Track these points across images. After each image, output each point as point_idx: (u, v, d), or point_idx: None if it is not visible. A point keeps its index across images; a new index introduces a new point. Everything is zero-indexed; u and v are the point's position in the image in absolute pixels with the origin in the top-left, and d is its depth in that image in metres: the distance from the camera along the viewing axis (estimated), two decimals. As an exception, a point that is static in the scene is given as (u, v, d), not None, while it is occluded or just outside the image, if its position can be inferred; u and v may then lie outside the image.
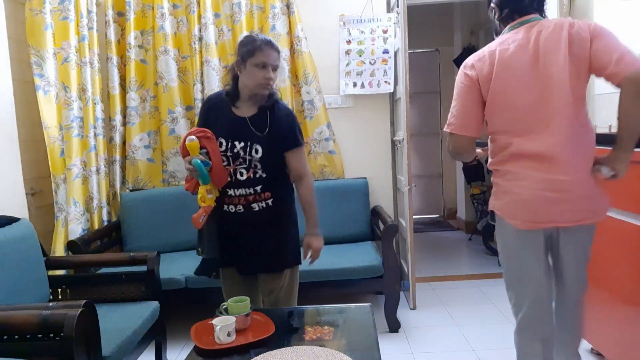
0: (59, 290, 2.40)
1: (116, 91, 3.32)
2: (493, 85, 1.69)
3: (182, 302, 2.89)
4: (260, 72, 1.85)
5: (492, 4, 1.81)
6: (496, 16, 1.80)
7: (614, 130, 2.28)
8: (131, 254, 2.53)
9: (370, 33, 3.43)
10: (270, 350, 1.63)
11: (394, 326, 2.87)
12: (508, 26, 1.75)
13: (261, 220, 1.99)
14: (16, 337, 1.62)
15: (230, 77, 1.99)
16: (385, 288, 2.85)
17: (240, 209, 1.98)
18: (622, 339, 2.13)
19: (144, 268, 2.40)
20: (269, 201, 1.98)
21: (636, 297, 2.00)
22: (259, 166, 1.92)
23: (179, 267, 2.88)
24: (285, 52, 3.36)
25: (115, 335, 1.95)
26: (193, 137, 1.82)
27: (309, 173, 2.09)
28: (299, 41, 3.35)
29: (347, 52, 3.45)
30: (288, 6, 3.35)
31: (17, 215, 2.31)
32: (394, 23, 3.37)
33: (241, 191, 1.95)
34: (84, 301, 1.66)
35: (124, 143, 3.40)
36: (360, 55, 3.44)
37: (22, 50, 2.86)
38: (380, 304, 2.95)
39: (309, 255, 2.10)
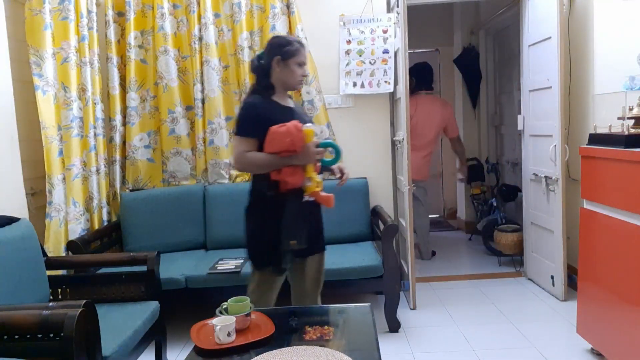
0: (59, 290, 2.40)
1: (116, 91, 3.32)
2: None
3: (182, 302, 2.89)
4: (299, 70, 2.07)
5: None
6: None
7: (614, 130, 2.29)
8: (131, 254, 2.53)
9: (370, 33, 3.43)
10: (270, 350, 1.63)
11: (394, 326, 2.87)
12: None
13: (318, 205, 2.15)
14: (16, 337, 1.62)
15: (260, 75, 2.09)
16: (385, 288, 2.85)
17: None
18: (622, 339, 2.13)
19: (144, 268, 2.40)
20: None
21: (636, 297, 2.00)
22: None
23: (179, 267, 2.88)
24: (285, 52, 3.35)
25: (115, 335, 1.94)
26: (309, 124, 1.96)
27: None
28: (299, 41, 3.35)
29: (347, 52, 3.45)
30: (288, 6, 3.35)
31: (17, 215, 2.31)
32: (394, 23, 3.37)
33: (320, 177, 2.06)
34: (84, 301, 1.66)
35: (124, 143, 3.40)
36: (360, 55, 3.44)
37: (22, 50, 2.85)
38: (380, 304, 2.94)
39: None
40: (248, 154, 1.97)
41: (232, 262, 2.91)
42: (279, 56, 2.04)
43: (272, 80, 2.08)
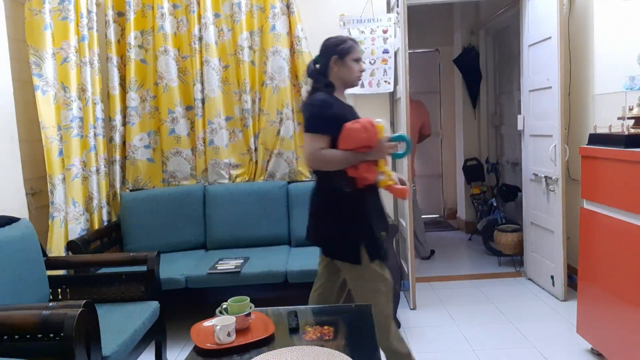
0: (59, 290, 2.40)
1: (116, 91, 3.32)
2: None
3: (182, 302, 2.89)
4: (356, 66, 2.13)
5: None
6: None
7: (614, 130, 2.29)
8: (131, 254, 2.53)
9: (370, 33, 3.43)
10: (270, 350, 1.63)
11: (394, 326, 2.86)
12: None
13: None
14: (16, 337, 1.62)
15: (317, 78, 2.15)
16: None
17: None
18: (622, 339, 2.13)
19: (144, 268, 2.40)
20: None
21: (636, 297, 2.00)
22: None
23: (179, 267, 2.88)
24: (285, 52, 3.36)
25: (115, 335, 1.94)
26: (380, 119, 1.99)
27: None
28: (299, 41, 3.35)
29: (347, 52, 3.45)
30: (288, 6, 3.35)
31: (17, 215, 2.31)
32: (394, 23, 3.37)
33: (391, 172, 2.10)
34: (84, 301, 1.66)
35: (124, 143, 3.40)
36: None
37: (22, 50, 2.86)
38: (380, 304, 2.94)
39: None
40: (323, 151, 1.97)
41: (232, 262, 2.91)
42: (336, 55, 2.12)
43: (330, 79, 2.13)
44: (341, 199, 2.03)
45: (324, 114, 2.01)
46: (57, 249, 2.80)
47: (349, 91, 3.41)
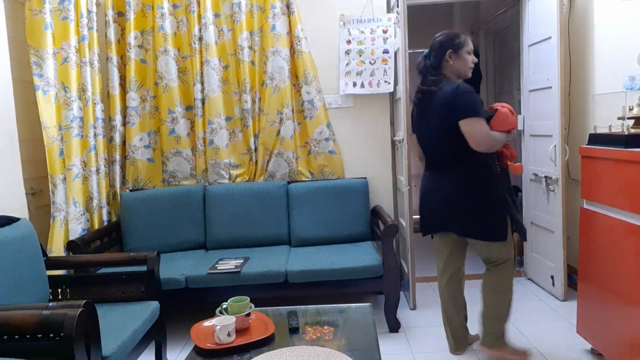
0: (59, 290, 2.40)
1: (116, 91, 3.32)
2: None
3: (182, 302, 2.89)
4: (469, 57, 2.32)
5: None
6: None
7: (614, 130, 2.29)
8: (131, 254, 2.53)
9: (370, 33, 3.43)
10: (270, 350, 1.63)
11: (394, 326, 2.87)
12: None
13: None
14: (16, 337, 1.62)
15: (429, 73, 2.34)
16: (385, 288, 2.85)
17: None
18: (622, 339, 2.13)
19: (144, 268, 2.40)
20: None
21: (636, 297, 2.00)
22: None
23: (179, 267, 2.89)
24: (285, 52, 3.36)
25: (115, 335, 1.94)
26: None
27: None
28: (299, 41, 3.35)
29: (347, 52, 3.45)
30: (288, 6, 3.35)
31: (17, 215, 2.31)
32: (394, 23, 3.38)
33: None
34: (84, 301, 1.66)
35: (124, 143, 3.40)
36: (360, 55, 3.44)
37: (22, 50, 2.86)
38: (380, 304, 2.95)
39: None
40: (492, 133, 2.20)
41: (232, 262, 2.91)
42: (451, 49, 2.29)
43: (444, 73, 2.31)
44: (490, 181, 2.27)
45: (478, 100, 2.23)
46: (57, 249, 2.80)
47: (349, 90, 3.46)
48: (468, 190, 2.25)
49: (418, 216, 2.53)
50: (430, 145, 2.40)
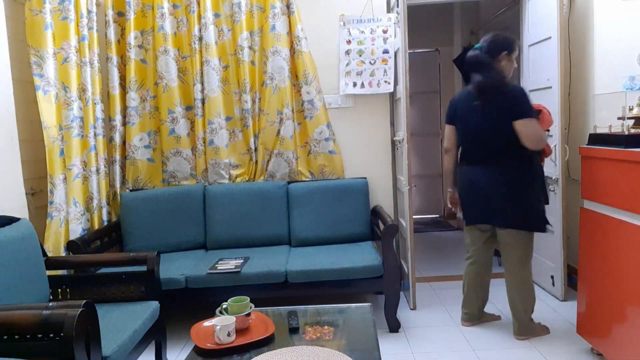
0: (59, 290, 2.40)
1: (116, 91, 3.32)
2: None
3: (182, 302, 2.89)
4: (515, 64, 2.55)
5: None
6: None
7: (614, 130, 2.29)
8: (131, 254, 2.53)
9: (370, 33, 3.43)
10: (270, 350, 1.63)
11: (394, 326, 2.87)
12: None
13: None
14: (16, 337, 1.62)
15: (480, 63, 2.51)
16: (385, 288, 2.85)
17: None
18: (622, 339, 2.13)
19: (144, 268, 2.40)
20: None
21: (636, 297, 2.00)
22: None
23: (179, 267, 2.89)
24: (285, 52, 3.36)
25: (115, 335, 1.94)
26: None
27: None
28: (299, 41, 3.35)
29: (347, 52, 3.45)
30: (288, 6, 3.35)
31: (17, 215, 2.31)
32: (394, 23, 3.38)
33: None
34: (84, 301, 1.66)
35: (124, 143, 3.40)
36: (360, 55, 3.44)
37: (22, 50, 2.86)
38: (380, 304, 2.95)
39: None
40: (543, 132, 2.44)
41: (232, 262, 2.92)
42: (506, 51, 2.46)
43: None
44: (535, 174, 2.50)
45: (530, 100, 2.43)
46: (57, 249, 2.80)
47: (349, 90, 3.46)
48: (517, 182, 2.48)
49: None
50: (479, 139, 2.57)
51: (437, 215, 5.98)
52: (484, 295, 2.90)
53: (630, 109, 2.23)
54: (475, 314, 2.89)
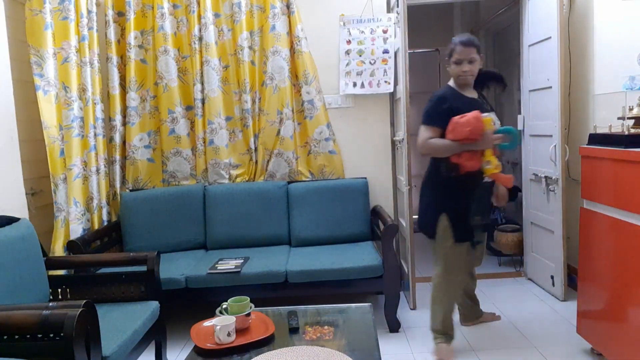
0: (59, 290, 2.40)
1: (116, 91, 3.32)
2: None
3: (182, 302, 2.89)
4: (455, 67, 2.39)
5: None
6: None
7: (614, 130, 2.29)
8: (131, 254, 2.53)
9: (370, 33, 3.43)
10: (270, 350, 1.63)
11: (394, 326, 2.87)
12: None
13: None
14: (16, 337, 1.62)
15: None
16: (385, 288, 2.85)
17: (490, 180, 2.47)
18: (622, 339, 2.13)
19: (144, 268, 2.40)
20: None
21: (636, 297, 2.00)
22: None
23: (179, 267, 2.89)
24: (285, 52, 3.36)
25: (115, 335, 1.94)
26: (487, 113, 2.26)
27: None
28: (299, 41, 3.35)
29: (347, 52, 3.45)
30: (288, 6, 3.35)
31: (17, 215, 2.31)
32: (394, 23, 3.38)
33: (498, 161, 2.39)
34: (84, 301, 1.66)
35: (124, 143, 3.40)
36: (360, 55, 3.44)
37: (22, 50, 2.86)
38: (380, 304, 2.95)
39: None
40: (430, 140, 2.33)
41: (232, 262, 2.92)
42: (447, 57, 2.43)
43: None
44: (435, 182, 2.43)
45: (438, 109, 2.35)
46: (57, 248, 2.80)
47: (349, 90, 3.46)
48: (422, 187, 2.53)
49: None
50: None
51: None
52: (468, 292, 2.83)
53: (630, 109, 2.22)
54: (469, 314, 2.88)
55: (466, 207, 2.38)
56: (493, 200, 2.62)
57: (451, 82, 2.47)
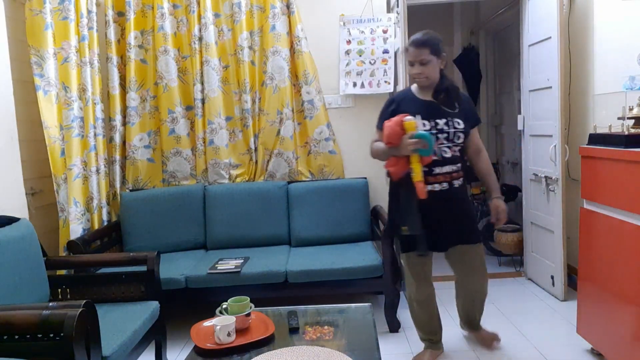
0: (59, 290, 2.40)
1: (116, 91, 3.32)
2: None
3: (182, 302, 2.89)
4: (410, 69, 2.26)
5: None
6: None
7: (614, 130, 2.29)
8: (131, 254, 2.53)
9: (370, 33, 3.43)
10: (270, 350, 1.63)
11: (394, 326, 2.87)
12: None
13: (459, 196, 2.32)
14: (16, 337, 1.62)
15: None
16: (385, 288, 2.85)
17: (445, 186, 2.25)
18: (622, 339, 2.13)
19: (144, 268, 2.40)
20: (461, 179, 2.32)
21: (636, 297, 2.00)
22: (458, 141, 2.24)
23: (179, 267, 2.89)
24: (285, 52, 3.36)
25: (115, 335, 1.94)
26: (409, 117, 2.11)
27: (484, 147, 2.48)
28: (299, 41, 3.36)
29: (347, 52, 3.46)
30: (288, 6, 3.35)
31: (17, 215, 2.31)
32: (394, 23, 3.38)
33: (447, 168, 2.24)
34: (84, 301, 1.66)
35: (124, 143, 3.40)
36: (360, 55, 3.44)
37: (22, 50, 2.86)
38: (380, 304, 2.95)
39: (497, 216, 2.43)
40: (372, 144, 2.32)
41: (232, 262, 2.92)
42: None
43: None
44: (391, 189, 2.38)
45: (384, 111, 2.33)
46: (59, 248, 2.81)
47: (349, 90, 3.46)
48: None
49: None
50: None
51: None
52: (463, 302, 2.65)
53: (630, 109, 2.22)
54: (465, 322, 2.68)
55: (397, 215, 2.29)
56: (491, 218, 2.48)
57: (414, 84, 2.35)
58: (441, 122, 2.23)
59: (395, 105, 2.30)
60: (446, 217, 2.28)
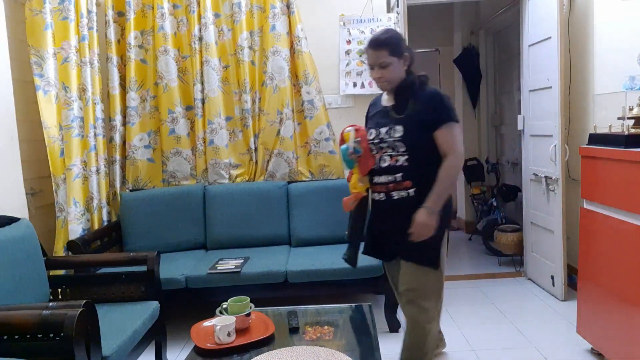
0: (59, 290, 2.40)
1: (116, 91, 3.32)
2: None
3: (182, 302, 2.89)
4: (372, 73, 2.06)
5: None
6: None
7: (614, 130, 2.29)
8: (131, 254, 2.53)
9: (371, 33, 3.42)
10: (270, 350, 1.63)
11: (394, 326, 2.87)
12: None
13: (401, 210, 1.97)
14: (16, 337, 1.62)
15: None
16: (385, 288, 2.84)
17: (382, 197, 2.05)
18: (622, 339, 2.13)
19: (144, 268, 2.40)
20: (410, 191, 1.96)
21: (636, 297, 2.00)
22: (401, 150, 1.97)
23: (179, 267, 2.88)
24: (285, 52, 3.36)
25: (115, 335, 1.95)
26: (350, 128, 2.10)
27: (455, 152, 1.95)
28: (299, 41, 3.35)
29: (347, 52, 3.45)
30: (288, 6, 3.35)
31: (17, 215, 2.31)
32: (394, 23, 3.37)
33: (383, 178, 2.02)
34: (84, 301, 1.66)
35: (124, 143, 3.40)
36: (360, 55, 3.44)
37: (22, 50, 2.86)
38: (380, 304, 2.94)
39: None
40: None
41: (232, 262, 2.92)
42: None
43: None
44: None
45: (366, 115, 2.25)
46: (58, 248, 2.80)
47: (349, 90, 3.46)
48: None
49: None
50: None
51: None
52: None
53: (630, 109, 2.23)
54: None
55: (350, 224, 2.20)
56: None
57: None
58: (383, 130, 2.02)
59: (369, 110, 2.23)
60: (387, 228, 2.08)
